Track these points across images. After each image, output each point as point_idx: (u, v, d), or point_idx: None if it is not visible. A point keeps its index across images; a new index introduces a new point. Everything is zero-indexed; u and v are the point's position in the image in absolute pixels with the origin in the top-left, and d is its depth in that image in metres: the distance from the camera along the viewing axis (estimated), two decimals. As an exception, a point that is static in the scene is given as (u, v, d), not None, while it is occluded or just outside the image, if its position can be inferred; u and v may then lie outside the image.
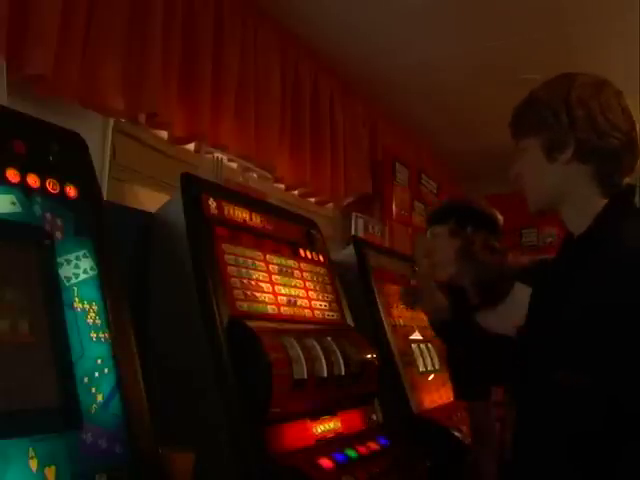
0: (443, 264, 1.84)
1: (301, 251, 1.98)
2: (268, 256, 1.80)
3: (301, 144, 2.83)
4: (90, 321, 1.15)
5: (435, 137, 4.12)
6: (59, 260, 1.14)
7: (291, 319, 1.75)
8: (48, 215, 1.15)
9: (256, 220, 1.83)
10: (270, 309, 1.69)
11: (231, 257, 1.64)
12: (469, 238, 1.80)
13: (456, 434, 2.18)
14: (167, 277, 1.64)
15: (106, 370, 1.14)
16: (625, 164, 1.18)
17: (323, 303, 1.96)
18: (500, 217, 1.93)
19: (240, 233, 1.72)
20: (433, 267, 1.83)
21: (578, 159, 1.17)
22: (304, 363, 1.56)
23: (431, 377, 2.59)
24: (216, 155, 2.02)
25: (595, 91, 1.18)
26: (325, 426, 1.66)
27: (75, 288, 1.15)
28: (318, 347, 1.65)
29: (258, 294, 1.67)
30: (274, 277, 1.78)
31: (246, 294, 1.62)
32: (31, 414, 0.99)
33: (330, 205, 3.25)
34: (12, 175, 1.11)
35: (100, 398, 1.10)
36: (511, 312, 1.61)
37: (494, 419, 1.94)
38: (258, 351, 1.46)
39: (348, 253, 2.57)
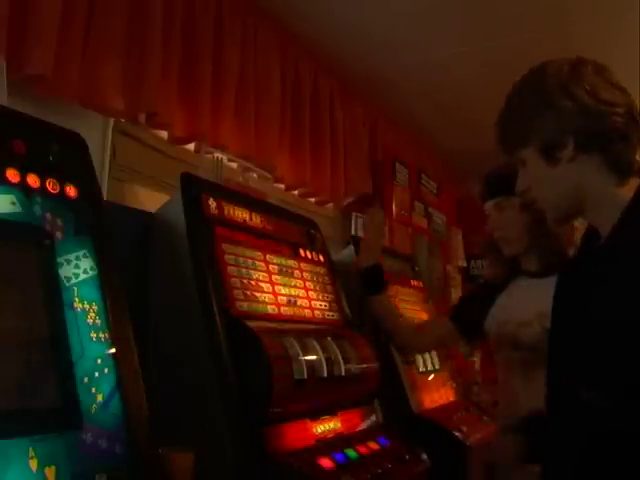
0: (511, 240, 1.80)
1: (301, 251, 1.98)
2: (268, 256, 1.80)
3: (301, 144, 2.82)
4: (90, 321, 1.15)
5: (435, 137, 4.12)
6: (59, 260, 1.14)
7: (291, 319, 1.75)
8: (48, 215, 1.15)
9: (256, 220, 1.83)
10: (270, 309, 1.69)
11: (231, 257, 1.64)
12: (542, 212, 1.74)
13: (456, 434, 2.18)
14: (167, 277, 1.64)
15: (106, 370, 1.14)
16: (633, 139, 1.06)
17: (323, 303, 1.96)
18: None
19: (240, 233, 1.72)
20: (501, 241, 1.80)
21: (582, 151, 1.06)
22: (304, 363, 1.56)
23: (431, 377, 2.59)
24: (216, 155, 2.02)
25: (573, 75, 1.08)
26: (325, 426, 1.66)
27: (75, 288, 1.15)
28: (318, 347, 1.65)
29: (258, 294, 1.67)
30: (274, 277, 1.78)
31: (246, 294, 1.62)
32: (31, 414, 0.99)
33: (330, 205, 3.25)
34: (12, 175, 1.11)
35: (100, 398, 1.10)
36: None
37: None
38: (258, 351, 1.46)
39: (348, 253, 2.57)
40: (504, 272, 1.87)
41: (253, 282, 1.67)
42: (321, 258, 2.09)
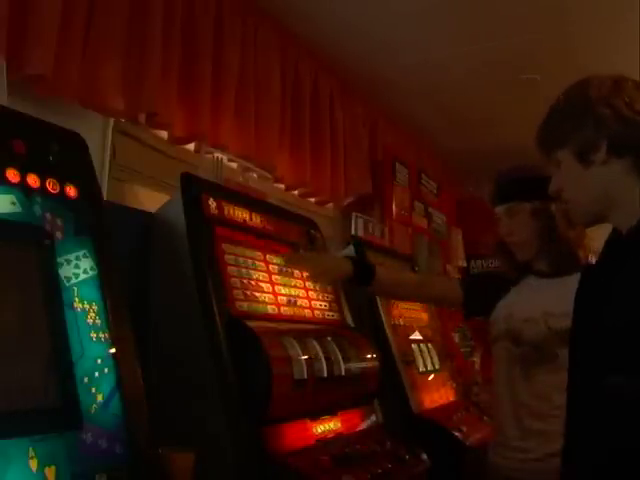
0: (523, 245, 1.81)
1: (301, 251, 1.98)
2: (268, 256, 1.80)
3: (301, 144, 2.83)
4: (90, 321, 1.15)
5: (435, 137, 4.12)
6: (59, 260, 1.14)
7: (291, 319, 1.75)
8: (48, 215, 1.15)
9: (256, 220, 1.83)
10: (270, 309, 1.69)
11: (231, 257, 1.64)
12: (552, 217, 1.72)
13: (456, 434, 2.18)
14: (167, 277, 1.64)
15: (106, 370, 1.14)
16: None
17: (323, 303, 1.96)
18: None
19: (240, 233, 1.72)
20: (514, 247, 1.81)
21: (614, 155, 1.12)
22: (304, 363, 1.56)
23: (431, 377, 2.59)
24: (216, 155, 2.02)
25: (614, 88, 1.15)
26: (325, 426, 1.66)
27: (75, 288, 1.15)
28: (318, 347, 1.65)
29: (258, 294, 1.67)
30: (274, 277, 1.78)
31: (246, 294, 1.62)
32: (31, 414, 0.99)
33: (330, 205, 3.25)
34: (12, 175, 1.11)
35: (100, 398, 1.10)
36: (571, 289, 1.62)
37: None
38: (258, 351, 1.46)
39: (348, 253, 2.57)
40: (514, 273, 1.88)
41: (253, 282, 1.67)
42: (321, 258, 2.09)
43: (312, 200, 3.07)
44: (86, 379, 1.09)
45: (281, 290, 1.78)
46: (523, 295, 1.84)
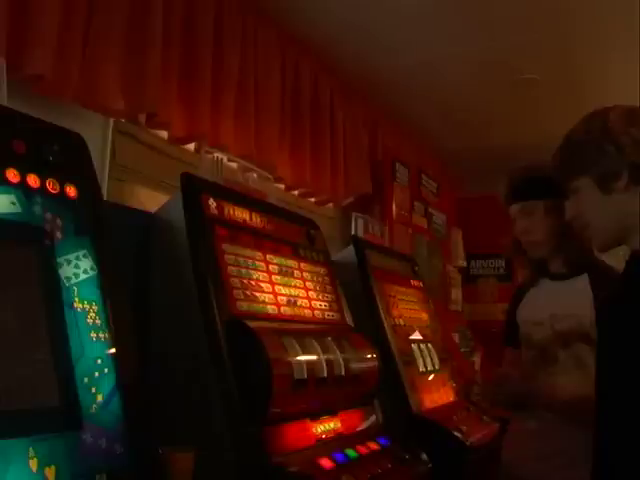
0: (537, 244, 1.81)
1: (301, 251, 1.98)
2: (268, 256, 1.80)
3: (301, 144, 2.83)
4: (90, 321, 1.15)
5: (435, 137, 4.12)
6: (59, 260, 1.14)
7: (291, 319, 1.75)
8: (48, 215, 1.15)
9: (256, 220, 1.83)
10: (270, 309, 1.69)
11: (231, 257, 1.64)
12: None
13: (456, 434, 2.18)
14: (167, 277, 1.64)
15: (106, 370, 1.14)
16: None
17: (323, 303, 1.96)
18: None
19: (240, 233, 1.72)
20: (528, 245, 1.82)
21: (634, 182, 1.18)
22: (304, 363, 1.56)
23: (431, 377, 2.59)
24: (216, 155, 2.02)
25: (631, 119, 1.21)
26: (325, 426, 1.66)
27: (75, 288, 1.15)
28: (318, 347, 1.65)
29: (258, 294, 1.67)
30: (274, 277, 1.78)
31: (246, 294, 1.62)
32: (31, 414, 0.99)
33: (330, 205, 3.26)
34: (12, 175, 1.11)
35: (100, 398, 1.10)
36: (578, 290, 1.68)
37: None
38: (258, 351, 1.46)
39: (348, 253, 2.57)
40: (534, 272, 1.88)
41: (253, 282, 1.67)
42: (321, 258, 2.09)
43: (312, 200, 3.07)
44: (86, 379, 1.09)
45: (281, 290, 1.78)
46: (535, 298, 1.85)
